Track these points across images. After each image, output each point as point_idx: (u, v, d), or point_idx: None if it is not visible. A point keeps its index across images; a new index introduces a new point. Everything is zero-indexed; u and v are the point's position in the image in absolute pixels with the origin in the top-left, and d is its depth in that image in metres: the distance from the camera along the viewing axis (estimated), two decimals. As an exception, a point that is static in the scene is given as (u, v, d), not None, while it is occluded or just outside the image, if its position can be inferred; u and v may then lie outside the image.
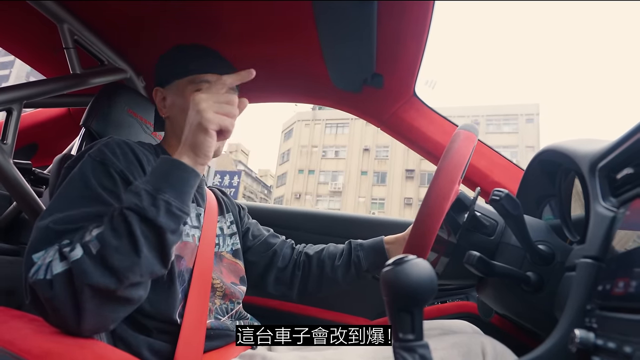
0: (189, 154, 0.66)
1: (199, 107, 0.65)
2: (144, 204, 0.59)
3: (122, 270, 0.57)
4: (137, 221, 0.58)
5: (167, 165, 0.64)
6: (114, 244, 0.57)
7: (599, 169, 0.58)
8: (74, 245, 0.59)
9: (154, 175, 0.63)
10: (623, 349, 0.38)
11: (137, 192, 0.60)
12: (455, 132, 0.69)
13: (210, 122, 0.65)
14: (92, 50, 1.16)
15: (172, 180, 0.63)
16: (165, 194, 0.61)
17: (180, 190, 0.63)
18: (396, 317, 0.45)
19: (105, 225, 0.59)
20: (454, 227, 0.78)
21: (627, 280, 0.43)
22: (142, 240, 0.58)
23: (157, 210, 0.59)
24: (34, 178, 1.34)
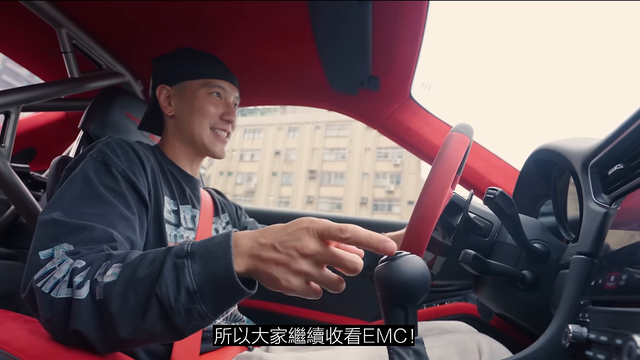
0: (249, 267, 0.50)
1: (298, 268, 0.49)
2: (178, 305, 0.49)
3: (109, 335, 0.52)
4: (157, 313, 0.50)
5: (224, 270, 0.49)
6: (114, 310, 0.51)
7: (591, 166, 0.59)
8: (85, 279, 0.53)
9: (206, 268, 0.50)
10: (614, 341, 0.38)
11: (179, 282, 0.49)
12: (448, 134, 0.69)
13: (290, 289, 0.50)
14: (90, 55, 1.16)
15: (220, 292, 0.50)
16: (204, 305, 0.49)
17: (220, 309, 0.51)
18: (390, 313, 0.45)
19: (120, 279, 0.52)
20: (449, 230, 0.78)
21: (618, 274, 0.44)
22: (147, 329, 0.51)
23: (188, 319, 0.50)
24: (31, 182, 1.34)
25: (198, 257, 0.50)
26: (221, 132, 0.92)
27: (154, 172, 0.79)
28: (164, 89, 0.92)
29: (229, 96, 0.94)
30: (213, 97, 0.91)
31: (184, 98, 0.90)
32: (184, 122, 0.90)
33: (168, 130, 0.93)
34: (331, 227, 0.48)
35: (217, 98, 0.91)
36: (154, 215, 0.76)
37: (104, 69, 1.21)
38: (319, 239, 0.49)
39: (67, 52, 1.09)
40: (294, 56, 1.16)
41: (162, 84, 0.92)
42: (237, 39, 1.11)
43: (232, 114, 0.93)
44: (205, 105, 0.90)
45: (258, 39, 1.11)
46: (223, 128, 0.92)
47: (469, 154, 0.87)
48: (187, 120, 0.90)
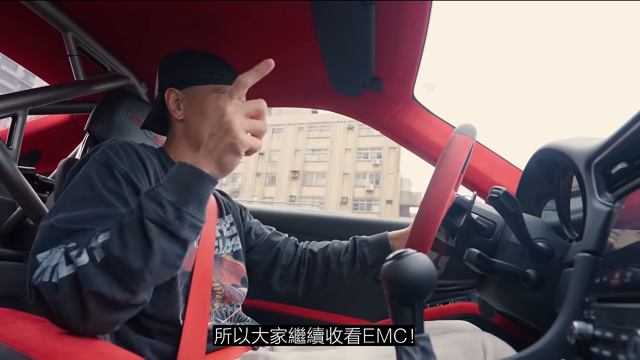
0: (211, 168, 0.62)
1: (231, 126, 0.60)
2: (168, 217, 0.57)
3: (126, 280, 0.56)
4: (158, 233, 0.57)
5: (191, 175, 0.60)
6: (118, 254, 0.56)
7: (595, 165, 0.59)
8: (81, 249, 0.58)
9: (176, 184, 0.60)
10: (620, 337, 0.39)
11: (160, 203, 0.57)
12: (451, 136, 0.70)
13: (243, 144, 0.61)
14: (95, 58, 1.18)
15: (196, 192, 0.60)
16: (189, 206, 0.59)
17: (202, 202, 0.61)
18: (397, 311, 0.46)
19: (112, 233, 0.58)
20: (452, 232, 0.78)
21: (622, 271, 0.44)
22: (157, 252, 0.57)
23: (182, 223, 0.58)
24: (37, 184, 1.36)
25: (166, 183, 0.60)
26: None
27: (157, 175, 0.80)
28: (173, 92, 0.91)
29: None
30: (222, 97, 0.90)
31: (194, 103, 0.90)
32: (194, 127, 0.90)
33: (175, 133, 0.93)
34: (231, 90, 0.64)
35: None
36: None
37: (109, 71, 1.22)
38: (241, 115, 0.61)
39: (73, 56, 1.10)
40: (297, 58, 1.17)
41: (170, 87, 0.91)
42: (240, 41, 1.12)
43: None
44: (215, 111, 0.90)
45: (261, 41, 1.11)
46: None
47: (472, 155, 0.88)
48: (196, 126, 0.90)
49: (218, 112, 0.62)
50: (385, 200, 25.89)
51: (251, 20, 1.03)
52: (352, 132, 28.56)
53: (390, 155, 26.85)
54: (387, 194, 26.08)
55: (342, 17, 0.91)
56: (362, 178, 27.48)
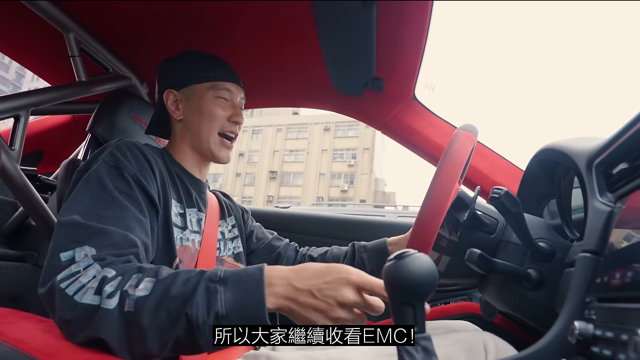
0: (281, 306, 0.55)
1: (340, 314, 0.54)
2: (205, 325, 0.52)
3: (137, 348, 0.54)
4: (185, 329, 0.53)
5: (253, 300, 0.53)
6: (145, 324, 0.53)
7: (596, 165, 0.60)
8: (116, 290, 0.55)
9: (237, 298, 0.53)
10: (620, 337, 0.39)
11: (209, 306, 0.52)
12: (455, 132, 0.71)
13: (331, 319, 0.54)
14: (97, 58, 1.18)
15: (243, 318, 0.53)
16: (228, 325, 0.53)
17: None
18: (399, 311, 0.46)
19: (152, 297, 0.54)
20: (455, 226, 0.79)
21: (623, 271, 0.44)
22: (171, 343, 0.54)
23: (211, 339, 0.52)
24: (39, 184, 1.36)
25: (230, 285, 0.54)
26: (230, 134, 0.93)
27: (163, 176, 0.80)
28: (171, 93, 0.92)
29: (235, 98, 0.94)
30: (220, 100, 0.91)
31: (192, 102, 0.91)
32: (193, 126, 0.91)
33: (176, 134, 0.94)
34: (374, 284, 0.54)
35: (224, 101, 0.92)
36: (163, 219, 0.77)
37: (110, 72, 1.23)
38: (356, 290, 0.54)
39: (75, 56, 1.11)
40: (297, 58, 1.17)
41: (168, 88, 0.92)
42: (241, 41, 1.12)
43: (240, 115, 0.93)
44: (213, 109, 0.90)
45: (263, 41, 1.12)
46: (231, 130, 0.92)
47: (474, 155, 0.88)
48: (195, 125, 0.91)
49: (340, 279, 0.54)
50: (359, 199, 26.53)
51: (252, 20, 1.03)
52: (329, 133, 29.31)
53: (365, 155, 27.83)
54: (361, 194, 26.85)
55: (343, 17, 0.91)
56: (337, 178, 28.38)
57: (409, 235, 0.65)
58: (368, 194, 26.87)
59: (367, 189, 26.98)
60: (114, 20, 1.09)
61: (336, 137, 29.30)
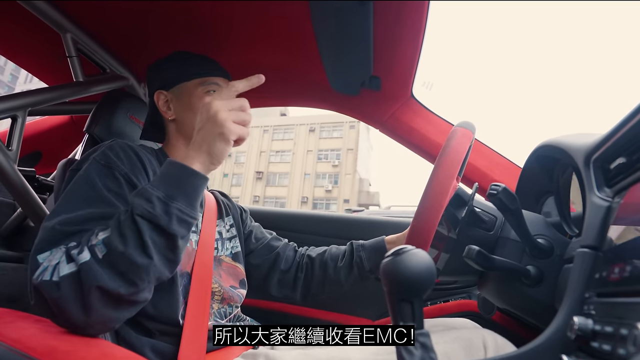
0: (202, 160, 0.65)
1: (218, 117, 0.64)
2: (156, 211, 0.59)
3: (130, 274, 0.58)
4: (148, 228, 0.58)
5: (179, 171, 0.63)
6: (120, 249, 0.57)
7: (594, 160, 0.59)
8: (82, 247, 0.59)
9: (165, 180, 0.62)
10: (620, 331, 0.39)
11: (148, 198, 0.60)
12: (452, 129, 0.71)
13: (231, 132, 0.64)
14: (94, 59, 1.18)
15: (184, 188, 0.62)
16: (177, 201, 0.61)
17: (191, 197, 0.63)
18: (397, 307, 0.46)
19: (112, 230, 0.59)
20: (454, 223, 0.78)
21: (622, 265, 0.44)
22: (151, 247, 0.59)
23: (170, 218, 0.59)
24: (38, 185, 1.36)
25: (154, 180, 0.63)
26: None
27: None
28: (162, 94, 0.92)
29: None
30: (210, 95, 0.91)
31: (182, 100, 0.90)
32: (186, 124, 0.91)
33: (171, 134, 0.94)
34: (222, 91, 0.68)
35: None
36: None
37: (108, 72, 1.22)
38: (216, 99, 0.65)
39: (72, 57, 1.10)
40: (295, 57, 1.17)
41: (158, 89, 0.92)
42: (239, 42, 1.12)
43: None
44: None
45: (260, 41, 1.11)
46: None
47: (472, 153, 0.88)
48: (188, 122, 0.90)
49: (204, 107, 0.66)
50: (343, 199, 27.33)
51: (250, 20, 1.03)
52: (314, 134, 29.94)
53: (348, 156, 28.63)
54: (344, 194, 27.70)
55: (340, 16, 0.91)
56: (321, 178, 29.14)
57: (407, 232, 0.65)
58: (352, 194, 27.50)
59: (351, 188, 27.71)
60: (112, 21, 1.09)
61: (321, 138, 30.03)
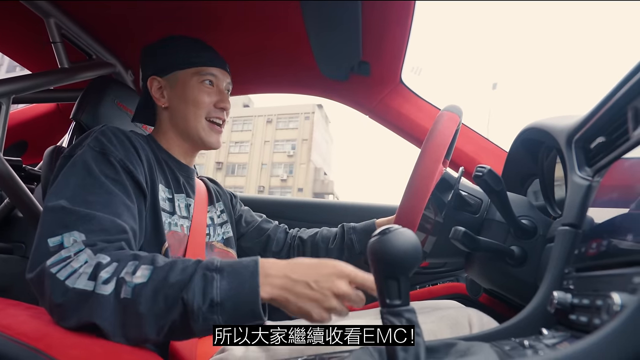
0: (276, 297, 0.57)
1: (334, 300, 0.56)
2: (200, 311, 0.53)
3: (130, 331, 0.55)
4: (180, 315, 0.54)
5: (251, 297, 0.55)
6: (140, 310, 0.54)
7: (575, 141, 0.61)
8: (112, 276, 0.55)
9: (233, 286, 0.55)
10: (595, 302, 0.41)
11: (205, 293, 0.54)
12: (439, 113, 0.71)
13: (324, 318, 0.56)
14: (79, 45, 1.16)
15: (239, 311, 0.55)
16: (222, 316, 0.54)
17: (232, 319, 0.55)
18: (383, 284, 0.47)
19: (150, 285, 0.55)
20: (440, 206, 0.80)
21: (599, 240, 0.46)
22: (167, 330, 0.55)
23: (205, 324, 0.54)
24: (24, 175, 1.34)
25: (226, 274, 0.56)
26: (217, 120, 0.91)
27: (150, 161, 0.80)
28: (155, 80, 0.90)
29: (222, 83, 0.93)
30: (205, 86, 0.89)
31: (176, 89, 0.89)
32: (179, 114, 0.90)
33: (162, 122, 0.92)
34: (367, 281, 0.57)
35: (210, 86, 0.90)
36: (151, 204, 0.77)
37: (94, 59, 1.20)
38: (348, 282, 0.57)
39: (57, 42, 1.08)
40: (283, 43, 1.16)
41: (152, 75, 0.90)
42: (227, 27, 1.11)
43: (226, 101, 0.92)
44: (198, 95, 0.88)
45: (249, 27, 1.11)
46: (218, 116, 0.91)
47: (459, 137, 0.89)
48: (182, 112, 0.89)
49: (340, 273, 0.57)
50: (297, 188, 28.24)
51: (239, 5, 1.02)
52: (271, 125, 30.70)
53: (303, 146, 29.47)
54: (299, 183, 28.60)
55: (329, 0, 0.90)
56: (277, 168, 29.96)
57: (395, 214, 0.66)
58: (306, 183, 28.39)
59: (305, 177, 28.66)
60: (96, 5, 1.07)
61: (278, 129, 30.76)
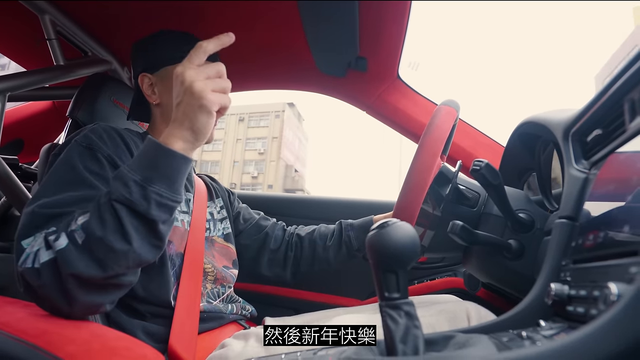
0: (185, 137, 0.60)
1: (195, 87, 0.59)
2: (133, 196, 0.56)
3: (108, 261, 0.56)
4: (127, 214, 0.56)
5: (157, 151, 0.59)
6: (99, 234, 0.55)
7: (572, 134, 0.61)
8: (59, 233, 0.58)
9: (142, 162, 0.58)
10: (592, 293, 0.41)
11: (125, 183, 0.56)
12: (437, 108, 0.71)
13: (212, 103, 0.59)
14: (75, 42, 1.15)
15: (163, 170, 0.58)
16: (155, 185, 0.57)
17: (172, 180, 0.59)
18: (382, 278, 0.47)
19: (92, 214, 0.57)
20: (438, 200, 0.80)
21: (596, 232, 0.46)
22: (132, 233, 0.56)
23: (148, 203, 0.56)
24: (21, 173, 1.33)
25: (132, 162, 0.60)
26: None
27: None
28: (146, 77, 0.89)
29: None
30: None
31: (166, 85, 0.88)
32: (170, 109, 0.89)
33: (155, 119, 0.92)
34: (191, 55, 0.61)
35: None
36: None
37: (89, 56, 1.20)
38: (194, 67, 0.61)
39: (52, 39, 1.07)
40: (281, 39, 1.16)
41: (142, 72, 0.89)
42: (223, 23, 1.10)
43: None
44: None
45: (246, 23, 1.10)
46: None
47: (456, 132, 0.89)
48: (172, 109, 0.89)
49: (178, 78, 0.61)
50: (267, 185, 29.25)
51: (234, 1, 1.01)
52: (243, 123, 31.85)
53: (273, 144, 30.53)
54: (269, 179, 29.66)
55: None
56: (249, 165, 31.09)
57: (394, 208, 0.66)
58: (276, 180, 29.33)
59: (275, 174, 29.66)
60: (91, 2, 1.06)
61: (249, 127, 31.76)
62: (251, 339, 0.77)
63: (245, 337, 0.79)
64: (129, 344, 0.60)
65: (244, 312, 0.94)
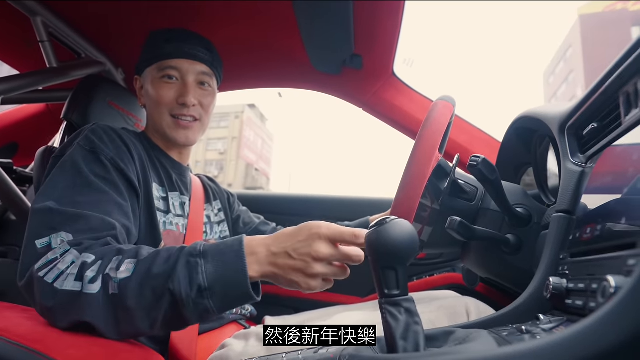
0: (265, 273, 0.55)
1: (316, 265, 0.54)
2: (189, 300, 0.52)
3: (124, 326, 0.55)
4: (169, 304, 0.53)
5: (239, 276, 0.54)
6: (129, 305, 0.53)
7: (568, 128, 0.61)
8: (97, 274, 0.54)
9: (217, 270, 0.53)
10: (591, 286, 0.41)
11: (192, 280, 0.53)
12: (434, 102, 0.71)
13: (311, 287, 0.55)
14: (68, 43, 1.14)
15: (230, 295, 0.54)
16: (213, 300, 0.53)
17: (226, 305, 0.55)
18: (381, 275, 0.47)
19: (135, 276, 0.54)
20: (437, 194, 0.80)
21: (593, 225, 0.46)
22: (160, 319, 0.54)
23: (195, 309, 0.53)
24: (16, 177, 1.33)
25: (210, 258, 0.54)
26: (183, 117, 0.86)
27: (142, 159, 0.79)
28: (137, 80, 0.91)
29: (187, 75, 0.86)
30: (165, 81, 0.85)
31: (146, 86, 0.89)
32: (149, 111, 0.90)
33: (147, 119, 0.93)
34: (344, 233, 0.54)
35: (170, 81, 0.85)
36: (145, 202, 0.77)
37: (83, 57, 1.19)
38: (330, 243, 0.54)
39: (44, 41, 1.06)
40: (276, 37, 1.16)
41: (136, 75, 0.92)
42: (219, 22, 1.10)
43: (187, 95, 0.84)
44: (158, 92, 0.85)
45: (241, 22, 1.10)
46: (181, 113, 0.85)
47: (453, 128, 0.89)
48: (150, 110, 0.89)
49: (312, 234, 0.54)
50: (227, 184, 29.94)
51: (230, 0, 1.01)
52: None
53: (233, 144, 31.45)
54: (229, 179, 30.57)
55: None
56: (209, 166, 31.74)
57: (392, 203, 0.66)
58: (235, 179, 30.34)
59: (234, 174, 30.75)
60: (83, 3, 1.05)
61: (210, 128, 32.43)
62: (252, 338, 0.77)
63: (245, 337, 0.79)
64: (129, 347, 0.59)
65: (243, 312, 0.94)
